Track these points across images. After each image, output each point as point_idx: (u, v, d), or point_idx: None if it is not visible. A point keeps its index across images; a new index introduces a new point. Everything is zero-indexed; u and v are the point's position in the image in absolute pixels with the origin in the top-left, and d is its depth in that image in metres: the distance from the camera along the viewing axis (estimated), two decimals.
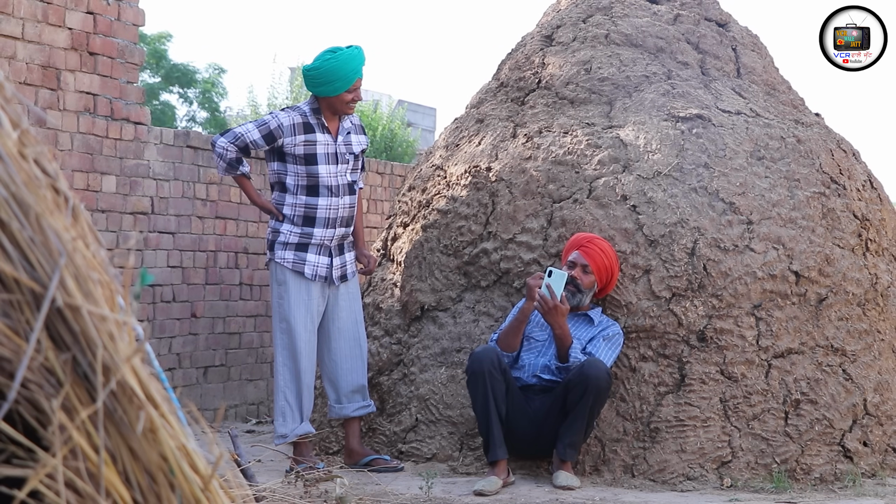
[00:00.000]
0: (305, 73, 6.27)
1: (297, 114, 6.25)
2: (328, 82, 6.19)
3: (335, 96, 6.23)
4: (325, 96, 6.24)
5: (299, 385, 6.19)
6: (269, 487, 4.10)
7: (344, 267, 6.33)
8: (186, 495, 1.66)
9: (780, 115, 6.86)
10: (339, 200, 6.26)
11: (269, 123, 6.20)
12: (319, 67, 6.19)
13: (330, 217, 6.24)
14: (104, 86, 6.89)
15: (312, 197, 6.21)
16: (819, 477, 6.00)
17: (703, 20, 7.24)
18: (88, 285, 1.64)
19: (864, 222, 6.57)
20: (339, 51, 6.23)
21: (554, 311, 5.85)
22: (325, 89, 6.21)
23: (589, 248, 6.00)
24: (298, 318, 6.18)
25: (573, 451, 5.85)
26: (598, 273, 5.99)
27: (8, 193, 1.61)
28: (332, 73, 6.18)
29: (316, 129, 6.25)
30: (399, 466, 6.12)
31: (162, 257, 7.43)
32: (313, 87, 6.25)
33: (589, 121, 6.68)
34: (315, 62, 6.25)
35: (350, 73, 6.21)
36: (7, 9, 6.21)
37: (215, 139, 6.20)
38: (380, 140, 23.39)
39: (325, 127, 6.28)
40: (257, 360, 8.29)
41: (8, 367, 1.56)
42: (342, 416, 6.36)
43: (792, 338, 6.18)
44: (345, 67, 6.19)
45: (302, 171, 6.21)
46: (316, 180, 6.21)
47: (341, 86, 6.21)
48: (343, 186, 6.29)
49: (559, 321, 5.87)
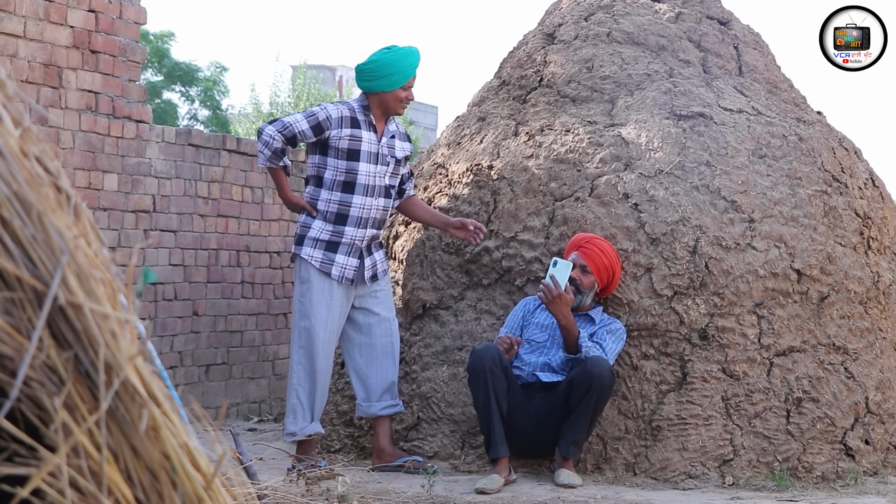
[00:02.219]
0: (360, 69, 6.22)
1: (346, 108, 6.21)
2: (385, 76, 6.15)
3: (389, 91, 6.18)
4: (379, 91, 6.19)
5: (313, 384, 6.13)
6: (270, 486, 4.10)
7: (374, 266, 6.28)
8: (188, 493, 1.66)
9: (782, 113, 6.86)
10: (373, 201, 6.21)
11: (317, 115, 6.15)
12: (377, 61, 6.16)
13: (363, 217, 6.19)
14: (106, 84, 6.89)
15: (348, 194, 6.16)
16: (821, 475, 6.01)
17: (705, 18, 7.24)
18: (90, 283, 1.64)
19: (865, 220, 6.57)
20: (396, 47, 6.22)
21: (558, 301, 5.84)
22: (381, 83, 6.16)
23: (588, 248, 5.99)
24: (319, 318, 6.12)
25: (576, 448, 5.85)
26: (598, 273, 5.98)
27: (10, 191, 1.61)
28: (389, 67, 6.14)
29: (362, 126, 6.20)
30: (434, 468, 5.99)
31: (164, 255, 7.43)
32: (368, 83, 6.20)
33: (591, 119, 6.68)
34: (371, 57, 6.20)
35: (407, 68, 6.18)
36: (9, 7, 6.21)
37: (262, 127, 6.13)
38: None
39: (373, 125, 6.23)
40: (259, 358, 8.30)
41: (10, 365, 1.57)
42: (369, 415, 6.29)
43: (794, 336, 6.18)
44: (402, 62, 6.17)
45: (342, 167, 6.16)
46: (354, 177, 6.16)
47: (398, 80, 6.16)
48: (379, 188, 6.24)
49: (563, 311, 5.85)
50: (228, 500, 1.75)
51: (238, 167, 8.03)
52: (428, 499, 5.40)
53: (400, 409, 6.32)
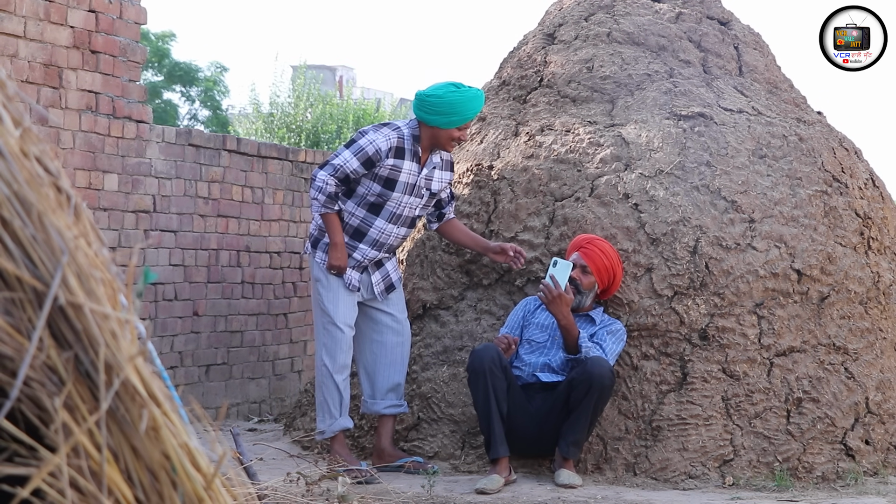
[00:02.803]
0: (423, 97, 6.06)
1: (396, 136, 6.04)
2: (444, 114, 6.01)
3: (443, 129, 6.06)
4: (434, 126, 6.07)
5: (338, 379, 6.09)
6: (271, 486, 4.10)
7: (387, 278, 6.25)
8: (189, 493, 1.66)
9: (782, 113, 6.86)
10: (395, 228, 6.14)
11: (366, 150, 5.97)
12: (442, 97, 6.01)
13: (379, 240, 6.12)
14: (106, 84, 6.89)
15: (373, 215, 6.08)
16: (821, 475, 6.00)
17: (705, 18, 7.24)
18: (91, 283, 1.64)
19: (865, 220, 6.57)
20: (464, 87, 6.06)
21: (558, 301, 5.84)
22: (438, 120, 6.03)
23: (588, 249, 6.00)
24: (339, 312, 6.07)
25: (576, 448, 5.85)
26: (598, 274, 5.98)
27: (10, 192, 1.61)
28: (451, 107, 6.00)
29: (406, 156, 6.06)
30: (434, 468, 5.98)
31: (164, 255, 7.43)
32: (425, 114, 6.05)
33: (591, 119, 6.69)
34: (437, 90, 6.06)
35: (469, 111, 6.06)
36: (9, 7, 6.21)
37: (315, 173, 5.97)
38: None
39: (418, 156, 6.10)
40: (259, 358, 8.30)
41: (10, 365, 1.57)
42: (373, 412, 6.28)
43: (794, 336, 6.18)
44: (466, 105, 6.04)
45: (375, 190, 6.05)
46: (384, 202, 6.07)
47: (457, 121, 6.04)
48: (406, 218, 6.16)
49: (563, 311, 5.85)
50: (229, 500, 1.75)
51: (238, 167, 8.04)
52: (428, 499, 5.40)
53: (404, 410, 6.30)
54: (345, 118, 23.30)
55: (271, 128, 23.47)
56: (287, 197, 8.54)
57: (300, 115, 23.60)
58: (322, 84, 26.34)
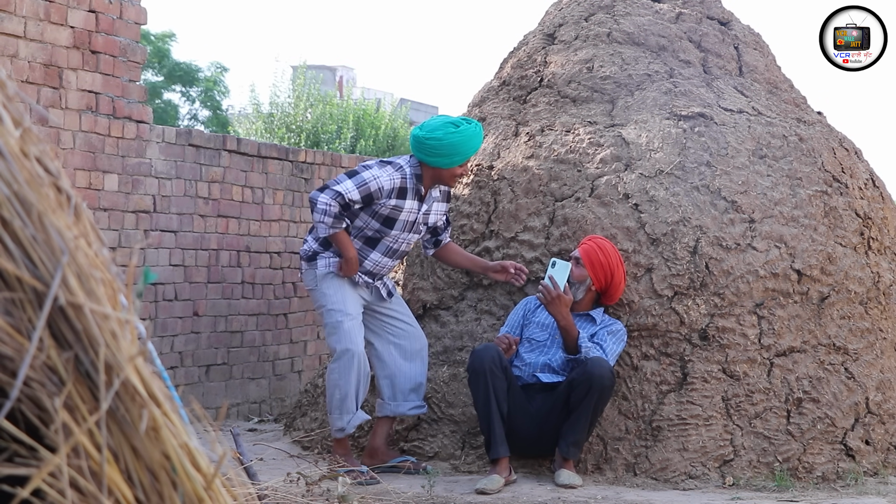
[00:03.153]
0: (422, 139, 5.98)
1: (399, 176, 5.97)
2: (446, 155, 5.95)
3: (447, 169, 6.02)
4: (437, 167, 6.01)
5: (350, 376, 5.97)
6: (271, 486, 4.10)
7: (385, 286, 6.23)
8: (189, 494, 1.66)
9: (782, 113, 6.86)
10: (389, 261, 6.13)
11: (369, 185, 5.90)
12: (442, 140, 5.93)
13: (373, 270, 6.10)
14: (106, 84, 6.89)
15: (368, 248, 6.05)
16: (821, 475, 6.00)
17: (706, 18, 7.24)
18: (91, 284, 1.64)
19: (866, 221, 6.57)
20: (463, 125, 5.98)
21: (557, 301, 5.83)
22: (440, 161, 5.97)
23: (586, 244, 6.02)
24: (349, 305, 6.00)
25: (576, 449, 5.85)
26: (592, 269, 5.96)
27: (10, 192, 1.61)
28: (453, 148, 5.94)
29: (408, 195, 6.02)
30: (427, 467, 5.98)
31: (164, 256, 7.43)
32: (426, 156, 5.98)
33: (591, 119, 6.69)
34: (436, 132, 5.98)
35: (471, 149, 6.01)
36: (9, 7, 6.21)
37: (314, 196, 5.89)
38: (382, 139, 23.41)
39: (420, 193, 6.07)
40: (259, 358, 8.30)
41: (10, 365, 1.57)
42: (396, 414, 6.20)
43: (794, 336, 6.18)
44: (467, 144, 5.97)
45: (374, 226, 6.02)
46: (381, 237, 6.05)
47: (458, 160, 6.00)
48: (402, 252, 6.15)
49: (562, 311, 5.85)
50: (229, 500, 1.75)
51: (238, 167, 8.04)
52: (428, 499, 5.40)
53: (424, 410, 6.23)
54: (345, 118, 23.31)
55: (271, 128, 23.48)
56: (287, 197, 8.54)
57: (300, 115, 23.61)
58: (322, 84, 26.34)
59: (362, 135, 23.17)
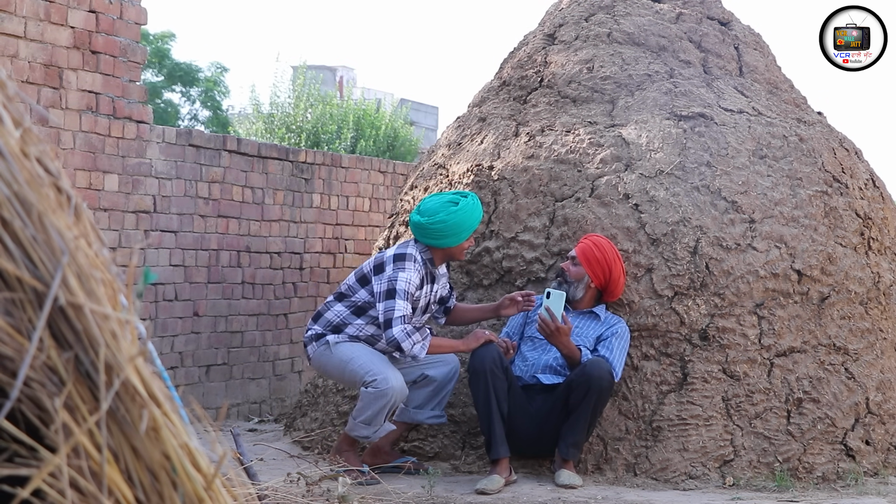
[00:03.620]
0: (426, 226, 5.89)
1: (422, 268, 5.92)
2: (454, 234, 5.89)
3: (456, 246, 5.95)
4: (446, 248, 5.95)
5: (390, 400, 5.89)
6: (271, 486, 4.10)
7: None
8: (189, 494, 1.66)
9: (783, 113, 6.86)
10: None
11: (409, 290, 5.83)
12: (446, 221, 5.86)
13: (387, 350, 5.97)
14: (106, 84, 6.89)
15: (381, 331, 5.92)
16: (821, 476, 6.00)
17: (706, 19, 7.24)
18: (91, 284, 1.64)
19: (866, 221, 6.57)
20: (461, 201, 5.92)
21: (557, 334, 5.84)
22: (449, 241, 5.90)
23: (582, 242, 6.04)
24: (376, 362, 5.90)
25: (575, 450, 5.85)
26: (589, 265, 5.97)
27: (10, 192, 1.61)
28: (458, 226, 5.87)
29: (426, 281, 5.98)
30: (428, 468, 5.96)
31: (164, 256, 7.43)
32: (434, 240, 5.91)
33: (591, 119, 6.69)
34: (437, 215, 5.89)
35: (475, 221, 5.94)
36: (9, 7, 6.21)
37: (390, 336, 5.78)
38: (382, 139, 23.39)
39: (433, 276, 6.04)
40: (259, 358, 8.30)
41: (10, 365, 1.57)
42: (414, 421, 6.16)
43: (794, 336, 6.18)
44: (471, 218, 5.91)
45: None
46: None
47: (466, 235, 5.93)
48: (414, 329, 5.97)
49: (563, 341, 5.84)
50: (229, 500, 1.75)
51: (238, 168, 8.03)
52: (428, 499, 5.40)
53: (444, 420, 6.16)
54: (345, 118, 23.29)
55: (271, 128, 23.46)
56: (287, 197, 8.54)
57: (300, 115, 23.59)
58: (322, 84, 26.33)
59: (362, 135, 23.16)
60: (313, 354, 6.07)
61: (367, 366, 5.88)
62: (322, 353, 6.02)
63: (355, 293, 6.02)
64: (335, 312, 6.03)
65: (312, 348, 6.06)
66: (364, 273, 6.05)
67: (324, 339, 6.02)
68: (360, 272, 6.07)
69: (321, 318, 6.07)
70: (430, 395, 6.09)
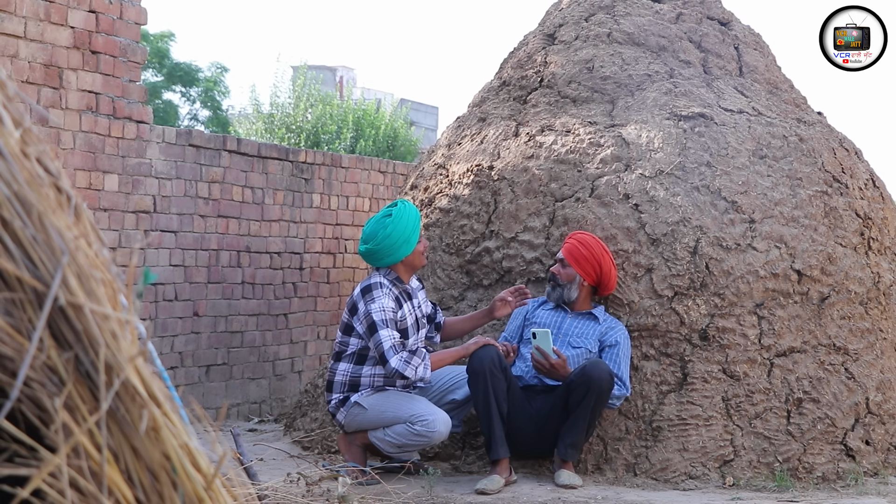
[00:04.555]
0: (373, 250, 5.89)
1: (388, 292, 5.88)
2: (403, 242, 5.87)
3: (411, 254, 5.92)
4: (404, 258, 5.91)
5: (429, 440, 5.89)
6: (271, 486, 4.10)
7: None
8: (189, 494, 1.66)
9: (783, 113, 6.86)
10: None
11: (386, 318, 5.79)
12: (389, 235, 5.85)
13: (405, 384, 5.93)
14: (106, 84, 6.89)
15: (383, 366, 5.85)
16: (821, 476, 6.00)
17: (706, 19, 7.24)
18: (91, 284, 1.64)
19: (866, 221, 6.57)
20: (394, 211, 5.89)
21: (554, 370, 5.86)
22: (402, 251, 5.88)
23: (568, 242, 6.05)
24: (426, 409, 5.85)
25: (575, 451, 5.86)
26: (578, 265, 5.97)
27: (10, 192, 1.61)
28: (402, 234, 5.85)
29: (403, 301, 5.94)
30: (427, 468, 5.95)
31: (164, 256, 7.43)
32: (388, 258, 5.90)
33: (591, 119, 6.69)
34: (376, 234, 5.88)
35: (416, 223, 5.91)
36: (9, 7, 6.21)
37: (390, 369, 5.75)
38: (382, 139, 23.40)
39: (407, 292, 5.99)
40: (259, 358, 8.30)
41: (10, 365, 1.57)
42: None
43: (794, 336, 6.18)
44: (410, 222, 5.88)
45: None
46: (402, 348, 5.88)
47: (414, 239, 5.90)
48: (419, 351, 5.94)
49: (561, 374, 5.86)
50: (229, 500, 1.75)
51: (238, 168, 8.04)
52: (428, 499, 5.40)
53: (459, 429, 6.14)
54: (345, 119, 23.30)
55: (271, 128, 23.47)
56: (287, 197, 8.54)
57: (300, 115, 23.60)
58: (322, 84, 26.33)
59: (362, 135, 23.17)
60: (346, 420, 5.96)
61: (412, 409, 5.83)
62: (355, 414, 5.93)
63: (348, 345, 5.96)
64: (341, 372, 5.97)
65: (342, 415, 5.96)
66: (345, 322, 6.00)
67: (348, 401, 5.94)
68: (342, 323, 6.03)
69: (333, 385, 5.99)
70: (456, 414, 6.08)
